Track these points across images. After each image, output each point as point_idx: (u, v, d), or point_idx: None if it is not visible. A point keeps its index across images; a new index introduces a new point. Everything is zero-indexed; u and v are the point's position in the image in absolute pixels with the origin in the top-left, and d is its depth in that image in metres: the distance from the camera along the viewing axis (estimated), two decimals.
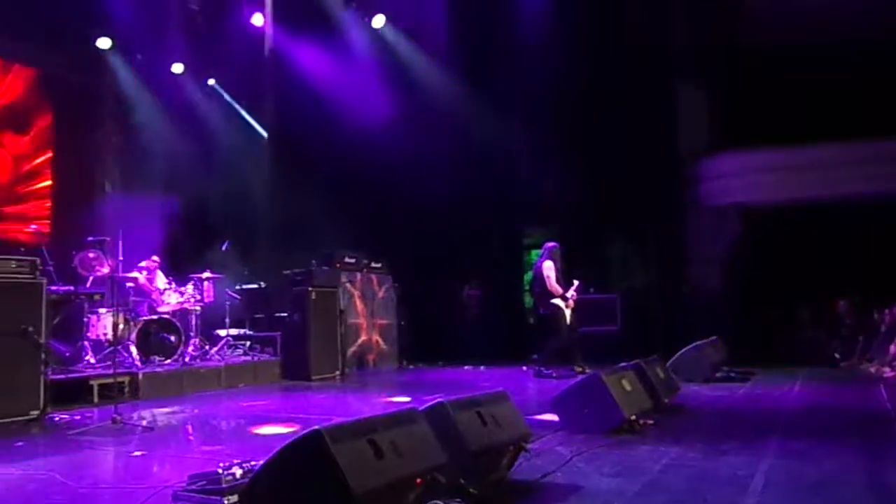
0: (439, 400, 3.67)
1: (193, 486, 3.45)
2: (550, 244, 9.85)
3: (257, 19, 12.29)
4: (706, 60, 12.43)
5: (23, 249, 7.86)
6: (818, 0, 11.77)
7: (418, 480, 3.11)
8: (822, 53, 11.26)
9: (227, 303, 9.96)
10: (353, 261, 11.42)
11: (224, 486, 3.29)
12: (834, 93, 11.38)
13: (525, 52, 12.18)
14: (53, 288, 7.70)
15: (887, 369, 9.37)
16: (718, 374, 8.67)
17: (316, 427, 2.80)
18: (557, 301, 9.49)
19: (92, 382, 7.36)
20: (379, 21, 12.77)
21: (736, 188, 12.24)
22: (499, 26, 12.60)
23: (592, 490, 3.78)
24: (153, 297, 9.22)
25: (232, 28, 12.45)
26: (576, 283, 9.75)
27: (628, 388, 5.60)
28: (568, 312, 9.52)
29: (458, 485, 3.40)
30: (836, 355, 10.65)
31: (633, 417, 5.35)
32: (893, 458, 4.59)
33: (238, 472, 3.34)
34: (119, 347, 7.95)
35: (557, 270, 9.58)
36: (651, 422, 5.55)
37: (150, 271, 9.41)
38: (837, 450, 4.70)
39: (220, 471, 3.35)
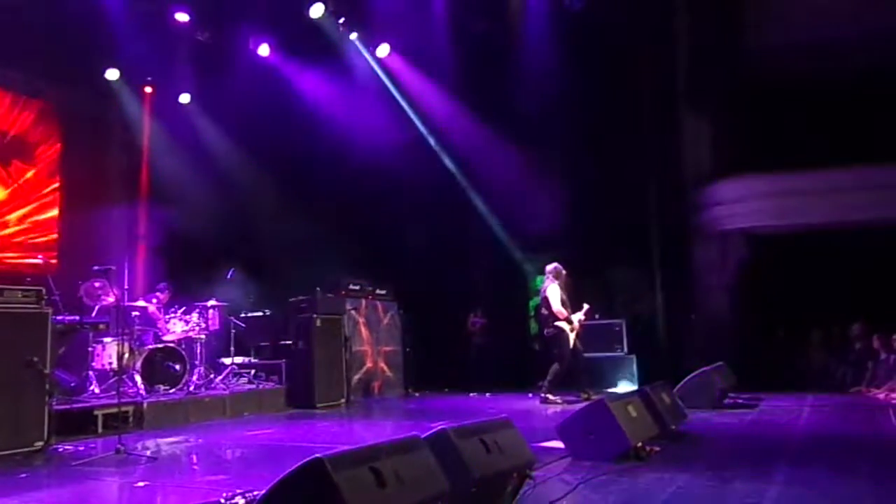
0: (442, 427, 3.65)
1: None
2: (552, 266, 9.76)
3: (263, 50, 12.46)
4: (710, 86, 12.49)
5: (28, 279, 7.88)
6: (820, 27, 11.86)
7: None
8: (825, 79, 11.33)
9: (232, 331, 9.96)
10: (357, 287, 11.41)
11: None
12: (838, 118, 11.42)
13: (530, 79, 12.28)
14: (59, 318, 7.71)
15: None
16: (726, 401, 8.60)
17: (317, 455, 2.79)
18: (561, 324, 9.42)
19: (96, 412, 7.35)
20: (383, 50, 12.92)
21: (741, 214, 12.22)
22: (504, 54, 12.72)
23: None
24: (158, 325, 9.23)
25: (238, 59, 12.62)
26: (585, 306, 9.69)
27: (634, 414, 5.56)
28: (572, 336, 9.44)
29: None
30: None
31: (640, 444, 5.31)
32: None
33: (241, 501, 3.34)
34: (124, 377, 7.94)
35: (563, 293, 9.53)
36: (658, 449, 5.51)
37: (160, 301, 9.45)
38: (847, 477, 4.64)
39: (223, 500, 3.35)
